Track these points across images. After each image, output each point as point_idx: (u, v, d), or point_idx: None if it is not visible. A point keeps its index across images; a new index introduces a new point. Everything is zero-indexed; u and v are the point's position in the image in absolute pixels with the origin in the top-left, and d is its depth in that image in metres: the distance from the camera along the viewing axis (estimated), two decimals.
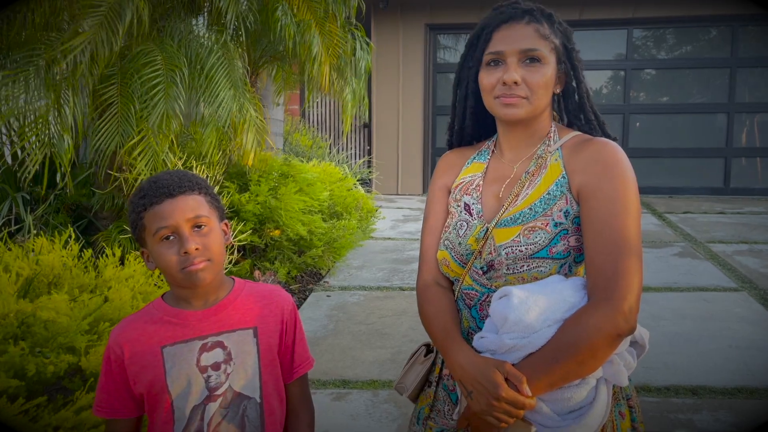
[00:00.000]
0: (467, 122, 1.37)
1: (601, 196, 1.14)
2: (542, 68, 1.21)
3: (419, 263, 1.39)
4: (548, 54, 1.22)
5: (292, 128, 8.81)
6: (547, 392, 1.10)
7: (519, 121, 1.25)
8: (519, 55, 1.21)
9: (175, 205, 1.16)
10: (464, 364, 1.16)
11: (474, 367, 1.14)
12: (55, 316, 1.76)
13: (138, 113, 3.29)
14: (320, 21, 4.29)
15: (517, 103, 1.22)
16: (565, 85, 1.29)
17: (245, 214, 4.31)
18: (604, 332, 1.06)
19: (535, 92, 1.21)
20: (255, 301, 1.26)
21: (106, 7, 2.99)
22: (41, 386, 1.80)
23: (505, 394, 1.08)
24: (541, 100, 1.23)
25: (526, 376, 1.09)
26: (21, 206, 3.57)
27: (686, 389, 2.94)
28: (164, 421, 1.19)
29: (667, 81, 9.23)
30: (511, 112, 1.22)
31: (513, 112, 1.22)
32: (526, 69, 1.21)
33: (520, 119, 1.24)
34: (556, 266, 1.18)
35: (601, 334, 1.06)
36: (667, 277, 4.76)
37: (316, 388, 3.04)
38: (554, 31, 1.24)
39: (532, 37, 1.21)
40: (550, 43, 1.22)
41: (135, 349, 1.18)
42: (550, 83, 1.23)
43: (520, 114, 1.22)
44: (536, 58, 1.20)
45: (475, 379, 1.13)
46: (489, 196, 1.30)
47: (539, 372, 1.09)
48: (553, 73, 1.23)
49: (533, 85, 1.21)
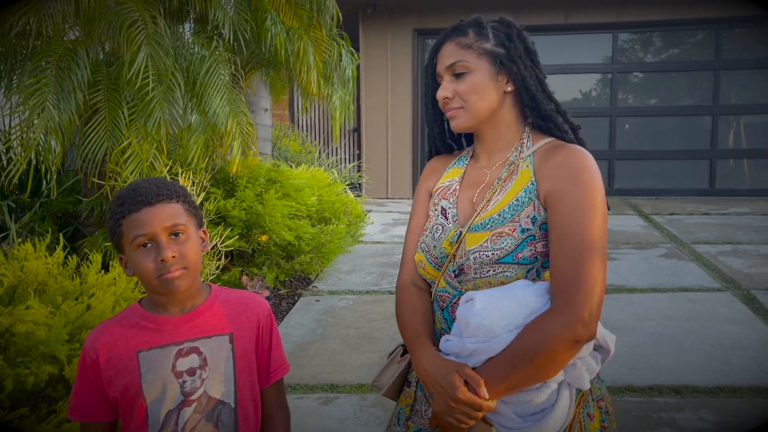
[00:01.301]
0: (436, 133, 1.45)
1: (567, 201, 1.16)
2: (468, 77, 1.27)
3: (401, 263, 1.44)
4: (474, 61, 1.26)
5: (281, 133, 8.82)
6: (507, 395, 1.12)
7: (467, 129, 1.31)
8: (447, 72, 1.29)
9: (152, 214, 1.17)
10: (427, 366, 1.20)
11: (435, 369, 1.18)
12: (34, 327, 1.75)
13: (127, 119, 3.29)
14: (306, 28, 4.32)
15: (455, 115, 1.30)
16: (515, 83, 1.30)
17: (232, 220, 4.31)
18: (563, 338, 1.08)
19: (467, 100, 1.27)
20: (231, 308, 1.28)
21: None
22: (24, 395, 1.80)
23: (462, 396, 1.12)
24: (478, 106, 1.27)
25: (485, 380, 1.11)
26: (6, 214, 3.56)
27: (670, 389, 2.97)
28: (138, 426, 1.20)
29: (654, 84, 9.31)
30: (454, 123, 1.32)
31: (455, 124, 1.32)
32: (456, 82, 1.28)
33: (466, 128, 1.31)
34: (522, 271, 1.19)
35: (560, 340, 1.08)
36: (653, 278, 4.80)
37: (303, 393, 3.05)
38: (483, 36, 1.27)
39: (453, 53, 1.28)
40: (476, 50, 1.27)
41: (111, 353, 1.19)
42: (481, 88, 1.26)
43: (463, 124, 1.30)
44: (461, 70, 1.27)
45: (436, 381, 1.16)
46: (464, 201, 1.33)
47: (498, 376, 1.11)
48: (485, 78, 1.26)
49: (462, 94, 1.27)
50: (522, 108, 1.32)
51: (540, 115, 1.29)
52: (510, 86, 1.29)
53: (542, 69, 1.31)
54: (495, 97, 1.28)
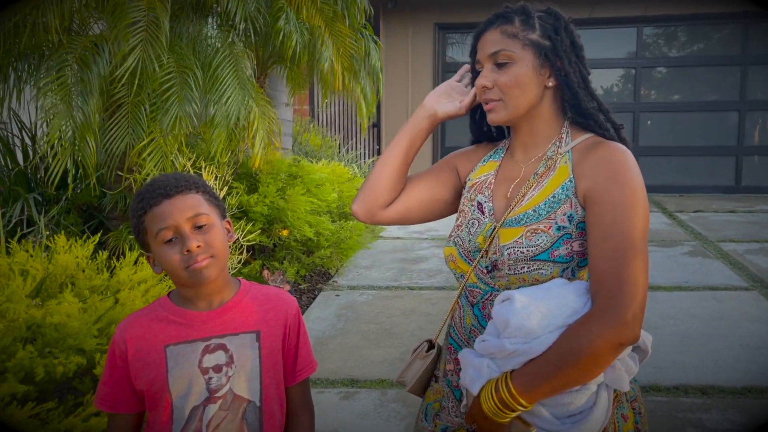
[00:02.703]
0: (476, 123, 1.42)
1: (607, 201, 1.12)
2: (511, 68, 1.22)
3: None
4: (519, 51, 1.22)
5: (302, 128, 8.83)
6: (549, 398, 1.10)
7: (504, 123, 1.28)
8: (489, 60, 1.24)
9: (173, 205, 1.16)
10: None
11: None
12: (67, 320, 1.77)
13: (149, 114, 3.31)
14: (329, 22, 4.30)
15: (493, 108, 1.26)
16: (558, 78, 1.26)
17: (254, 215, 4.33)
18: (607, 341, 1.05)
19: (507, 93, 1.23)
20: (259, 305, 1.27)
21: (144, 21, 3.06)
22: (52, 386, 1.82)
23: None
24: (518, 100, 1.23)
25: (527, 382, 1.09)
26: (33, 207, 3.61)
27: (695, 389, 2.93)
28: (164, 420, 1.19)
29: (678, 79, 9.18)
30: (491, 117, 1.27)
31: (491, 117, 1.27)
32: (498, 72, 1.23)
33: (502, 122, 1.27)
34: (557, 270, 1.17)
35: (604, 343, 1.05)
36: (678, 276, 4.73)
37: (324, 387, 3.05)
38: (529, 25, 1.23)
39: (497, 40, 1.23)
40: (521, 40, 1.22)
41: (139, 345, 1.19)
42: (524, 81, 1.22)
43: (500, 118, 1.26)
44: (504, 60, 1.22)
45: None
46: (499, 196, 1.30)
47: (540, 378, 1.08)
48: (528, 70, 1.22)
49: (503, 86, 1.23)
50: (561, 103, 1.28)
51: (580, 112, 1.25)
52: (552, 81, 1.25)
53: (587, 65, 1.27)
54: (536, 91, 1.24)
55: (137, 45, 3.03)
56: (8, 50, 3.31)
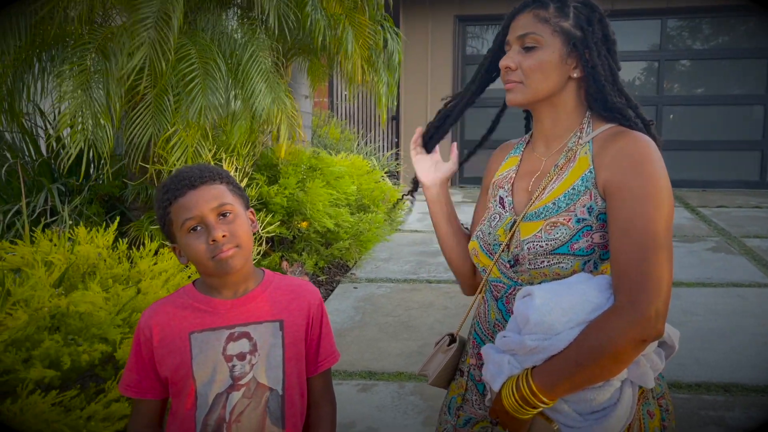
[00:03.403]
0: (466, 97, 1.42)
1: (628, 194, 1.10)
2: (537, 52, 1.20)
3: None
4: (548, 36, 1.20)
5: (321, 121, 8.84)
6: (570, 394, 1.09)
7: (521, 105, 1.26)
8: (517, 42, 1.22)
9: (198, 196, 1.18)
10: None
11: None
12: (92, 308, 1.79)
13: (173, 106, 3.33)
14: (350, 13, 4.29)
15: (512, 88, 1.24)
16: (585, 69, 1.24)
17: (273, 206, 4.34)
18: (629, 338, 1.03)
19: (528, 76, 1.21)
20: (283, 295, 1.28)
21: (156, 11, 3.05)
22: (75, 374, 1.85)
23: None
24: (539, 84, 1.21)
25: (548, 379, 1.08)
26: (56, 197, 3.65)
27: (718, 386, 2.89)
28: (187, 407, 1.21)
29: (702, 72, 9.02)
30: (509, 97, 1.25)
31: (509, 97, 1.25)
32: (524, 55, 1.22)
33: (520, 104, 1.25)
34: (578, 263, 1.15)
35: (626, 340, 1.03)
36: (700, 272, 4.67)
37: (342, 379, 3.06)
38: (563, 13, 1.21)
39: (528, 24, 1.21)
40: (551, 26, 1.20)
41: (164, 332, 1.21)
42: (547, 67, 1.20)
43: (517, 99, 1.24)
44: (532, 44, 1.21)
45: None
46: (520, 190, 1.29)
47: (562, 375, 1.07)
48: (554, 57, 1.20)
49: (526, 69, 1.21)
50: (586, 96, 1.25)
51: (605, 107, 1.23)
52: (577, 72, 1.22)
53: (618, 60, 1.24)
54: (558, 80, 1.22)
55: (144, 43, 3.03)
56: (32, 41, 3.35)
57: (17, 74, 3.50)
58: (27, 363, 1.72)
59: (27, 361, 1.73)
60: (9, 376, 1.68)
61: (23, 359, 1.71)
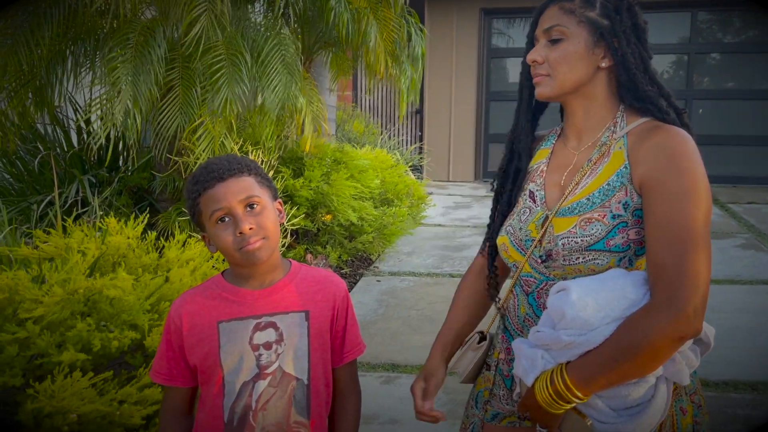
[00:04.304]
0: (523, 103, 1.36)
1: (665, 190, 1.08)
2: (562, 44, 1.20)
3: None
4: (573, 27, 1.19)
5: (346, 114, 8.86)
6: (604, 390, 1.08)
7: (551, 99, 1.26)
8: (544, 35, 1.22)
9: (226, 188, 1.20)
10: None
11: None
12: (121, 294, 1.84)
13: (200, 97, 3.37)
14: (374, 6, 4.30)
15: (540, 82, 1.24)
16: (614, 58, 1.22)
17: (298, 199, 4.38)
18: (667, 335, 1.02)
19: (555, 68, 1.21)
20: (309, 286, 1.30)
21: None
22: (105, 360, 1.89)
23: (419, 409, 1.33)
24: (566, 76, 1.20)
25: (583, 374, 1.07)
26: (87, 188, 3.72)
27: (745, 384, 2.85)
28: (215, 394, 1.24)
29: (733, 66, 8.84)
30: (538, 90, 1.25)
31: (539, 91, 1.25)
32: (550, 48, 1.21)
33: (549, 97, 1.25)
34: (614, 259, 1.14)
35: (663, 337, 1.02)
36: (729, 269, 4.59)
37: (365, 371, 3.08)
38: (589, 3, 1.20)
39: (553, 16, 1.21)
40: (577, 17, 1.19)
41: (194, 321, 1.24)
42: (573, 58, 1.19)
43: (545, 92, 1.23)
44: (557, 36, 1.20)
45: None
46: (551, 184, 1.28)
47: (597, 371, 1.06)
48: (580, 48, 1.19)
49: (552, 62, 1.21)
50: (618, 86, 1.24)
51: (637, 96, 1.21)
52: (606, 62, 1.21)
53: (649, 48, 1.23)
54: (586, 70, 1.21)
55: (203, 12, 3.09)
56: (64, 34, 3.41)
57: (50, 66, 3.56)
58: (60, 348, 1.77)
59: (60, 345, 1.77)
60: (43, 359, 1.73)
61: (57, 343, 1.76)
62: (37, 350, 1.72)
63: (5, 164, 4.14)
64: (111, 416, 1.66)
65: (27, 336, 1.71)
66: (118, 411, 1.65)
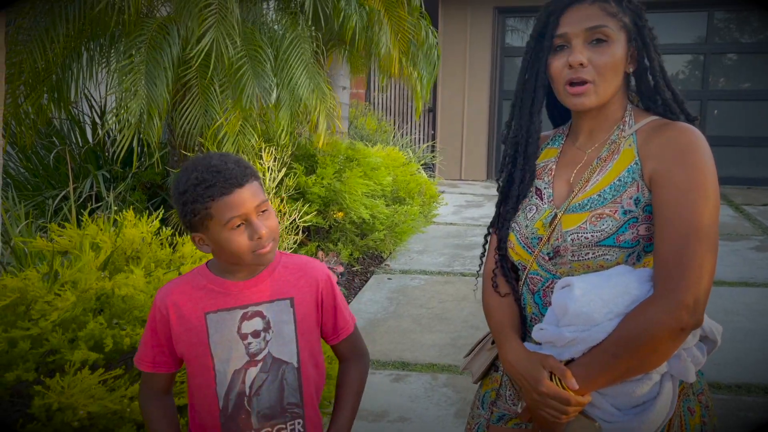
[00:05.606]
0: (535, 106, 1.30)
1: (673, 183, 1.08)
2: (610, 48, 1.15)
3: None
4: (617, 32, 1.16)
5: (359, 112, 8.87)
6: (607, 387, 1.08)
7: (591, 108, 1.21)
8: (585, 35, 1.16)
9: (244, 195, 1.20)
10: (512, 360, 1.18)
11: (519, 363, 1.16)
12: (133, 292, 1.86)
13: (219, 95, 3.39)
14: (389, 6, 4.29)
15: (584, 91, 1.17)
16: (638, 64, 1.22)
17: (311, 196, 4.39)
18: (666, 326, 1.01)
19: (602, 74, 1.16)
20: (291, 273, 1.33)
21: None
22: (117, 355, 1.91)
23: (546, 390, 1.09)
24: (610, 84, 1.17)
25: (585, 372, 1.07)
26: (101, 184, 3.76)
27: (759, 388, 2.83)
28: (207, 384, 1.27)
29: (750, 66, 8.73)
30: (581, 101, 1.18)
31: (582, 101, 1.18)
32: (593, 50, 1.16)
33: (591, 107, 1.20)
34: (623, 255, 1.13)
35: (663, 328, 1.01)
36: (743, 271, 4.55)
37: (375, 369, 3.09)
38: (623, 8, 1.18)
39: (595, 15, 1.16)
40: (618, 21, 1.17)
41: (180, 311, 1.26)
42: (619, 64, 1.17)
43: (591, 102, 1.18)
44: (603, 38, 1.15)
45: (521, 375, 1.15)
46: (560, 182, 1.27)
47: (599, 367, 1.06)
48: (623, 53, 1.17)
49: (600, 67, 1.15)
50: (627, 87, 1.24)
51: (653, 100, 1.22)
52: (631, 67, 1.21)
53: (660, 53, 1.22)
54: (621, 76, 1.20)
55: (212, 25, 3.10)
56: (81, 31, 3.44)
57: (66, 63, 3.60)
58: (72, 344, 1.78)
59: (72, 341, 1.79)
60: (56, 356, 1.75)
61: (69, 340, 1.77)
62: (49, 347, 1.74)
63: (21, 159, 4.19)
64: (121, 412, 1.68)
65: (40, 332, 1.72)
66: (129, 408, 1.66)
